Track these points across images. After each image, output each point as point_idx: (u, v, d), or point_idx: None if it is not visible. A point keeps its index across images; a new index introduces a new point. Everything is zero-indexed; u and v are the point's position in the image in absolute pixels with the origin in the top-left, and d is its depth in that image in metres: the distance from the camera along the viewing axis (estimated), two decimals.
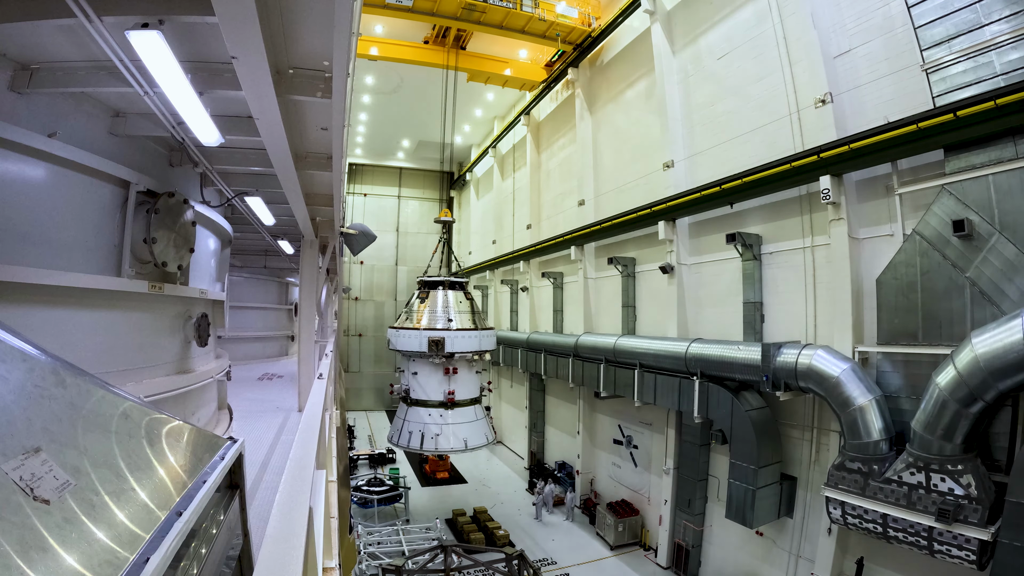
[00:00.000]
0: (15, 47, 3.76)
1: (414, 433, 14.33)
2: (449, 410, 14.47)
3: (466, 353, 14.38)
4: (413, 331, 14.41)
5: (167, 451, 1.72)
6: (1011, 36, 8.23)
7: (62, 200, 4.19)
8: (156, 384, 5.15)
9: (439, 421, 14.38)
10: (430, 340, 13.94)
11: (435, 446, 14.22)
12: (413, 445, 14.32)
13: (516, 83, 25.26)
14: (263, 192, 7.48)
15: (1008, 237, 7.96)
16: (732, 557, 13.81)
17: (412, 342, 14.28)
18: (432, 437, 14.20)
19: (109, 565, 1.11)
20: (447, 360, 14.28)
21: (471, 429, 14.68)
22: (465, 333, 14.36)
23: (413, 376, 14.76)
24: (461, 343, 14.21)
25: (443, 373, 14.38)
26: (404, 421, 14.70)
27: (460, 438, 14.34)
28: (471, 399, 14.96)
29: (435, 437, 14.21)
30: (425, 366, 14.59)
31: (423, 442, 14.25)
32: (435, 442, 14.19)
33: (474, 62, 23.66)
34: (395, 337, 14.84)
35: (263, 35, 2.80)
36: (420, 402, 14.58)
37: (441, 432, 14.24)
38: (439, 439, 14.19)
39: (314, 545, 2.46)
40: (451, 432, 14.33)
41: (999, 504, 7.46)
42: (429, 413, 14.46)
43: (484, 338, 14.82)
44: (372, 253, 36.77)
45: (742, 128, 13.83)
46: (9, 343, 1.23)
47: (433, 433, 14.23)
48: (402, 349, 14.60)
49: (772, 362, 10.95)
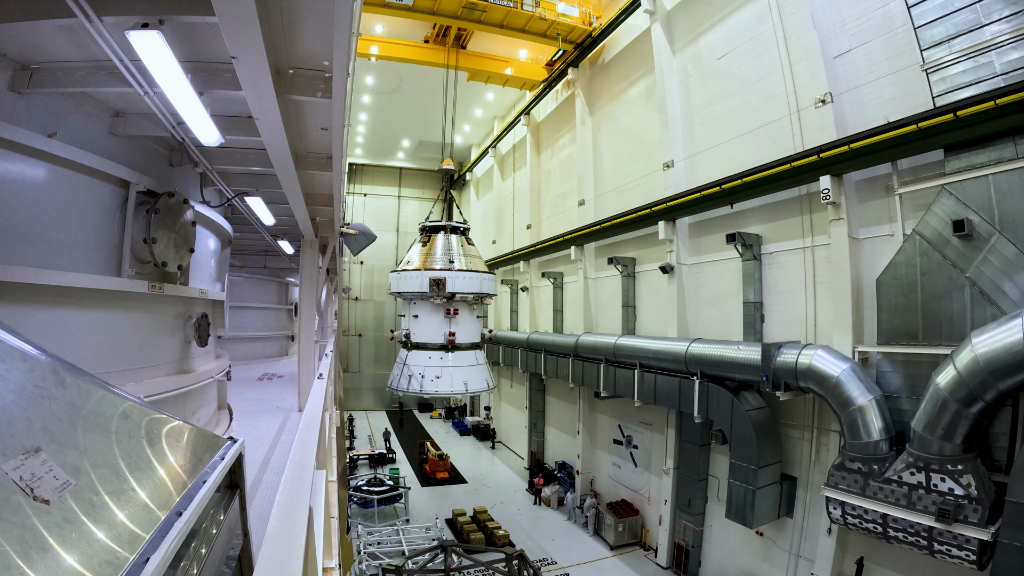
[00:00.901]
0: (15, 47, 3.76)
1: (414, 376, 14.12)
2: (450, 353, 14.27)
3: (467, 294, 14.20)
4: (414, 272, 14.21)
5: (167, 451, 1.72)
6: (1011, 36, 8.23)
7: (62, 200, 4.19)
8: (156, 384, 5.15)
9: (439, 363, 14.19)
10: (431, 280, 13.78)
11: (435, 388, 14.03)
12: (413, 388, 14.13)
13: (516, 83, 25.26)
14: (263, 192, 7.48)
15: (1008, 237, 7.96)
16: (732, 557, 13.81)
17: (413, 283, 14.08)
18: (432, 379, 14.00)
19: (109, 565, 1.11)
20: (448, 301, 14.13)
21: (471, 373, 14.48)
22: (466, 274, 14.19)
23: (414, 319, 14.57)
24: (462, 283, 14.05)
25: (444, 315, 14.22)
26: (404, 365, 14.53)
27: (460, 381, 14.18)
28: (472, 343, 14.73)
29: (435, 379, 14.01)
30: (426, 307, 14.42)
31: (423, 384, 14.06)
32: (435, 384, 14.01)
33: (474, 61, 23.66)
34: (396, 280, 14.64)
35: (263, 35, 2.80)
36: (420, 345, 14.40)
37: (441, 375, 14.07)
38: (439, 382, 14.02)
39: (314, 545, 2.46)
40: (451, 375, 14.16)
41: (999, 504, 7.46)
42: (429, 356, 14.25)
43: (485, 280, 14.63)
44: (372, 253, 36.75)
45: (742, 128, 13.83)
46: (9, 343, 1.23)
47: (433, 375, 14.04)
48: (403, 291, 14.37)
49: (772, 362, 10.95)
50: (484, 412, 34.20)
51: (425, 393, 14.31)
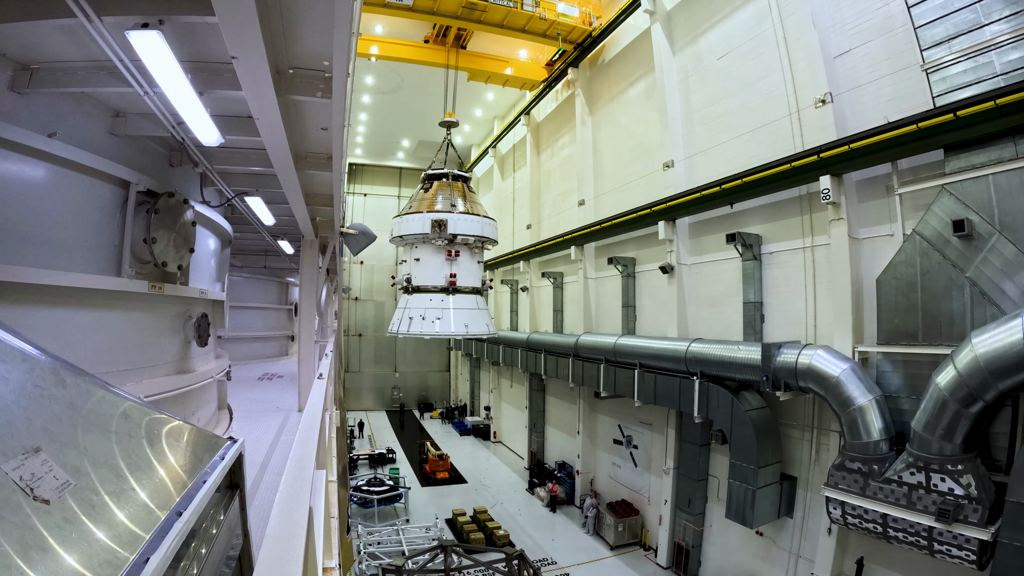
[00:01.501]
0: (15, 47, 3.76)
1: (414, 319, 14.03)
2: (451, 295, 14.20)
3: (468, 237, 14.08)
4: (416, 215, 14.21)
5: (167, 451, 1.72)
6: (1011, 36, 8.23)
7: (62, 200, 4.19)
8: (156, 384, 5.15)
9: (440, 305, 14.10)
10: (433, 221, 13.76)
11: (436, 330, 13.95)
12: (413, 330, 14.02)
13: (516, 82, 25.26)
14: (263, 192, 7.48)
15: (1008, 237, 7.96)
16: (732, 557, 13.81)
17: (415, 225, 14.07)
18: (433, 321, 13.92)
19: (109, 565, 1.11)
20: (449, 243, 14.10)
21: (472, 316, 14.38)
22: (468, 217, 14.12)
23: (415, 263, 14.49)
24: (464, 225, 14.00)
25: (445, 257, 14.18)
26: (404, 309, 14.46)
27: (461, 322, 14.06)
28: (472, 287, 14.67)
29: (436, 321, 13.92)
30: (427, 250, 14.37)
31: (423, 326, 14.04)
32: (436, 326, 13.94)
33: (474, 61, 23.66)
34: (398, 224, 14.51)
35: (263, 35, 2.80)
36: (421, 288, 14.34)
37: (442, 316, 13.97)
38: (439, 323, 13.93)
39: (314, 545, 2.46)
40: (452, 316, 14.06)
41: (999, 504, 7.46)
42: (430, 299, 14.16)
43: (486, 225, 14.54)
44: (372, 253, 36.73)
45: (742, 128, 13.83)
46: (9, 343, 1.23)
47: (434, 317, 13.94)
48: (405, 233, 14.27)
49: (772, 362, 10.95)
50: (484, 412, 34.20)
51: (425, 334, 14.16)
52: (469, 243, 14.36)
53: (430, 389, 41.58)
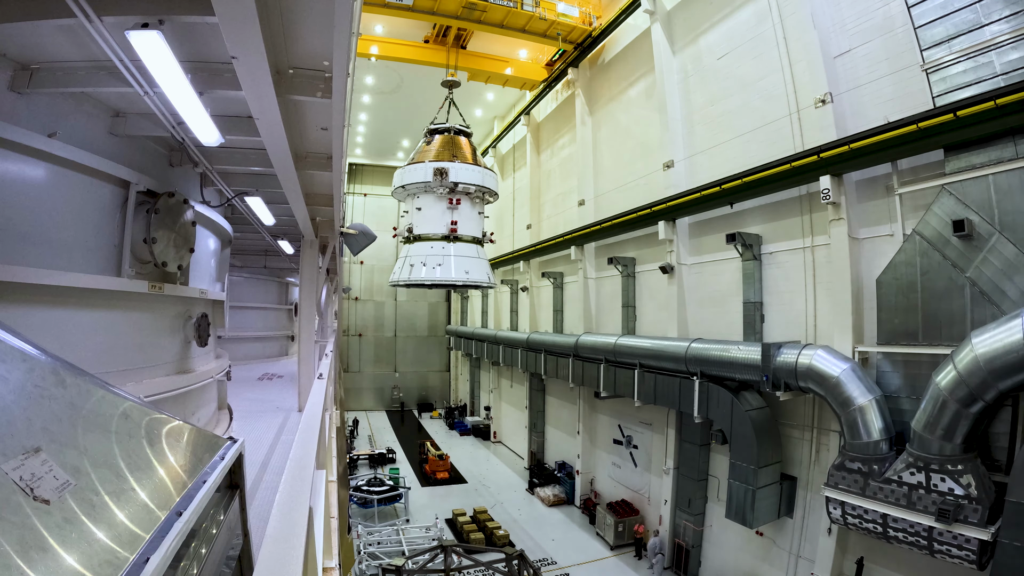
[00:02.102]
0: (15, 47, 3.76)
1: (415, 266, 14.17)
2: (452, 243, 14.41)
3: (470, 186, 14.34)
4: (418, 164, 14.35)
5: (167, 451, 1.72)
6: (1011, 36, 8.23)
7: (62, 200, 4.19)
8: (156, 384, 5.15)
9: (441, 253, 14.30)
10: (435, 169, 14.02)
11: (436, 276, 14.06)
12: (414, 276, 14.15)
13: (516, 82, 25.24)
14: (263, 192, 7.48)
15: (1008, 237, 7.96)
16: (732, 557, 13.81)
17: (417, 174, 14.25)
18: (434, 267, 14.09)
19: (109, 565, 1.11)
20: (451, 192, 14.29)
21: (473, 264, 14.59)
22: (469, 166, 14.40)
23: (417, 212, 14.60)
24: (465, 174, 14.28)
25: (447, 205, 14.36)
26: (405, 258, 14.55)
27: (462, 269, 14.30)
28: (473, 237, 14.85)
29: (437, 267, 14.10)
30: (429, 199, 14.51)
31: (424, 272, 14.09)
32: (436, 272, 14.06)
33: (474, 61, 23.65)
34: (401, 175, 14.64)
35: (263, 35, 2.80)
36: (423, 237, 14.50)
37: (443, 263, 14.16)
38: (440, 269, 14.10)
39: (314, 545, 2.46)
40: (453, 263, 14.25)
41: (999, 504, 7.46)
42: (431, 246, 14.34)
43: (487, 176, 14.85)
44: (372, 253, 36.74)
45: (742, 128, 13.83)
46: (9, 343, 1.23)
47: (435, 264, 14.12)
48: (407, 183, 14.42)
49: (772, 362, 10.95)
50: (484, 412, 34.20)
51: (426, 280, 14.14)
52: (470, 192, 14.41)
53: (430, 389, 41.58)
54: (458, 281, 14.50)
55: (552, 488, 21.87)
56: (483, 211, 15.51)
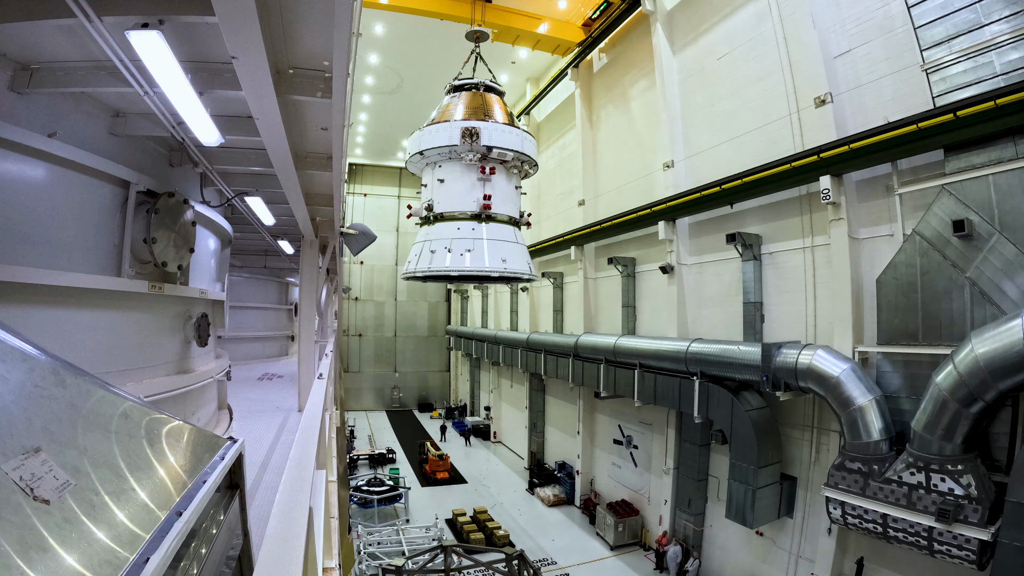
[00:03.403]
0: (15, 47, 3.76)
1: (437, 251, 11.07)
2: (484, 224, 11.32)
3: (506, 151, 11.19)
4: (441, 124, 11.28)
5: (167, 451, 1.72)
6: (1011, 36, 8.23)
7: (62, 200, 4.19)
8: (156, 384, 5.15)
9: (471, 235, 11.19)
10: (464, 130, 10.99)
11: (465, 264, 10.99)
12: (436, 265, 11.06)
13: (549, 45, 21.53)
14: (263, 192, 7.48)
15: (1008, 237, 7.96)
16: (732, 557, 13.81)
17: (440, 136, 11.21)
18: (462, 253, 11.03)
19: (109, 565, 1.11)
20: (483, 159, 11.22)
21: (510, 250, 11.44)
22: (506, 128, 11.33)
23: (439, 184, 11.45)
24: (501, 137, 11.20)
25: (477, 175, 11.22)
26: (424, 242, 11.50)
27: (497, 256, 11.13)
28: (510, 217, 11.66)
29: (466, 253, 11.05)
30: (454, 169, 11.41)
31: (449, 259, 11.02)
32: (465, 259, 10.98)
33: (502, 17, 20.16)
34: (419, 138, 11.64)
35: (263, 35, 2.80)
36: (446, 216, 11.34)
37: (473, 248, 11.09)
38: (470, 256, 11.02)
39: (314, 545, 2.46)
40: (486, 248, 11.13)
41: (999, 504, 7.46)
42: (458, 227, 11.24)
43: (527, 140, 11.73)
44: (372, 253, 36.77)
45: (742, 128, 13.84)
46: (9, 343, 1.23)
47: (463, 248, 11.07)
48: (427, 147, 11.38)
49: (772, 362, 10.95)
50: (484, 412, 34.20)
51: (451, 271, 11.10)
52: (507, 160, 11.30)
53: (430, 389, 41.59)
54: (493, 271, 11.21)
55: (552, 488, 21.87)
56: (520, 186, 12.39)
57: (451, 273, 11.10)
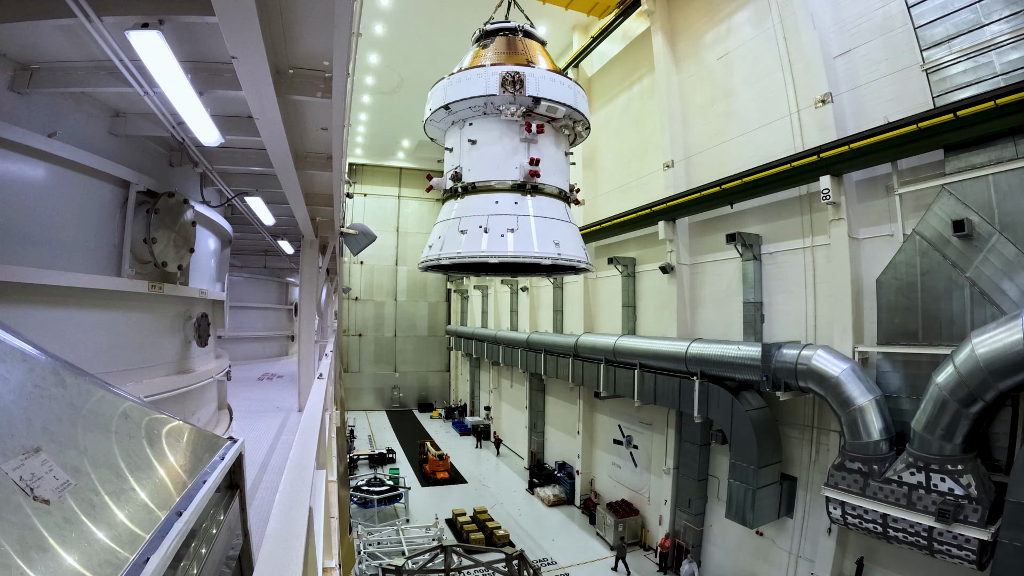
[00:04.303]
0: (15, 47, 3.75)
1: (470, 231, 8.65)
2: (529, 196, 8.84)
3: (557, 106, 8.79)
4: (474, 70, 8.85)
5: (167, 451, 1.72)
6: (1011, 36, 8.24)
7: (62, 200, 4.19)
8: (156, 384, 5.14)
9: (514, 210, 8.71)
10: (505, 75, 8.57)
11: (507, 248, 8.48)
12: (469, 249, 8.61)
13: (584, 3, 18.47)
14: (263, 192, 7.48)
15: (1008, 237, 7.96)
16: (732, 557, 13.81)
17: (473, 85, 8.76)
18: (503, 234, 8.53)
19: (109, 565, 1.11)
20: (527, 115, 8.79)
21: (564, 232, 9.00)
22: (556, 76, 8.95)
23: (469, 147, 9.04)
24: (550, 87, 8.79)
25: (521, 135, 8.82)
26: (450, 221, 9.04)
27: (548, 238, 8.67)
28: (559, 190, 9.22)
29: (508, 234, 8.53)
30: (490, 127, 8.98)
31: (486, 242, 8.57)
32: (507, 242, 8.49)
33: None
34: (443, 89, 9.10)
35: (263, 35, 2.80)
36: (479, 187, 8.93)
37: (517, 227, 8.59)
38: (514, 237, 8.51)
39: (314, 545, 2.46)
40: (533, 227, 8.65)
41: (999, 504, 7.46)
42: (496, 200, 8.80)
43: (579, 94, 9.22)
44: (372, 253, 36.79)
45: (742, 128, 13.84)
46: (9, 343, 1.23)
47: (504, 228, 8.57)
48: (454, 99, 8.88)
49: (772, 362, 10.95)
50: (484, 412, 34.20)
51: (491, 255, 8.56)
52: (556, 118, 9.05)
53: (430, 389, 41.61)
54: (544, 257, 8.64)
55: (552, 488, 21.88)
56: (571, 152, 9.99)
57: (489, 260, 8.53)
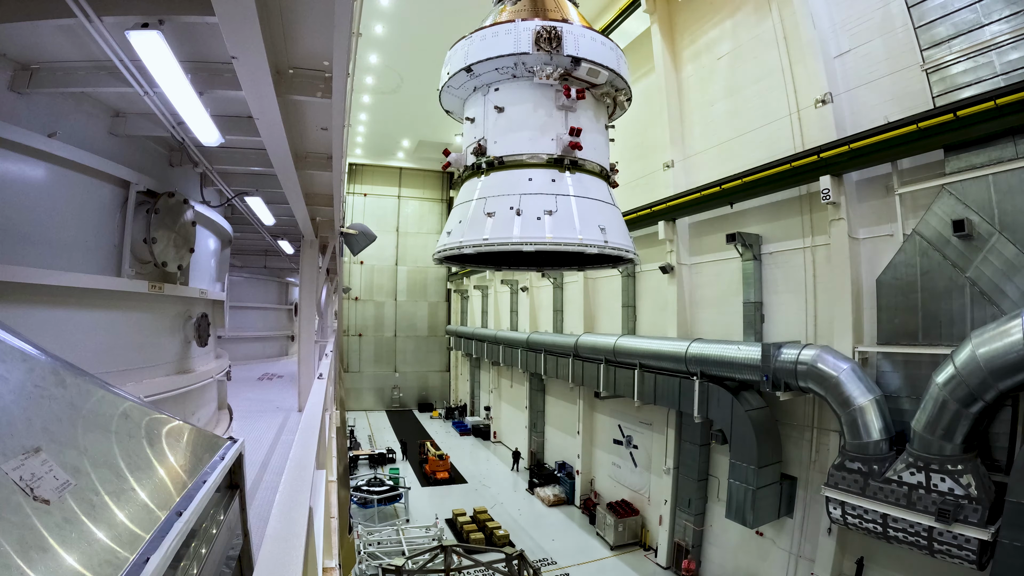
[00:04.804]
0: (15, 47, 3.75)
1: (499, 213, 7.17)
2: (568, 172, 7.40)
3: (599, 68, 7.34)
4: (502, 26, 7.40)
5: (167, 451, 1.72)
6: (1011, 36, 8.23)
7: (62, 200, 4.19)
8: (156, 384, 5.14)
9: (551, 188, 7.24)
10: (539, 31, 7.14)
11: (543, 233, 6.99)
12: (498, 234, 7.08)
13: None
14: (263, 192, 7.48)
15: (1008, 237, 7.96)
16: (732, 557, 13.81)
17: (502, 42, 7.30)
18: (539, 217, 7.04)
19: (109, 565, 1.11)
20: (564, 78, 7.29)
21: (609, 216, 7.57)
22: (595, 35, 7.50)
23: (496, 115, 7.60)
24: (591, 47, 7.31)
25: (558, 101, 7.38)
26: (474, 202, 7.54)
27: (593, 222, 7.20)
28: (601, 168, 7.88)
29: (544, 216, 7.04)
30: (521, 92, 7.53)
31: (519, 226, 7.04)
32: (544, 225, 7.02)
33: None
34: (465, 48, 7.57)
35: (263, 35, 2.80)
36: (508, 161, 7.47)
37: (556, 208, 7.09)
38: (551, 220, 7.03)
39: (314, 545, 2.46)
40: (575, 209, 7.19)
41: (999, 504, 7.46)
42: (530, 177, 7.32)
43: (621, 59, 7.77)
44: (372, 253, 36.78)
45: (742, 128, 13.84)
46: (9, 343, 1.23)
47: (541, 210, 7.07)
48: (479, 59, 7.37)
49: (772, 362, 10.95)
50: (484, 412, 34.20)
51: (527, 241, 6.95)
52: (596, 84, 7.59)
53: (430, 389, 41.63)
54: (590, 245, 7.11)
55: (552, 488, 21.88)
56: (612, 126, 8.66)
57: (524, 247, 6.95)
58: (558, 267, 9.36)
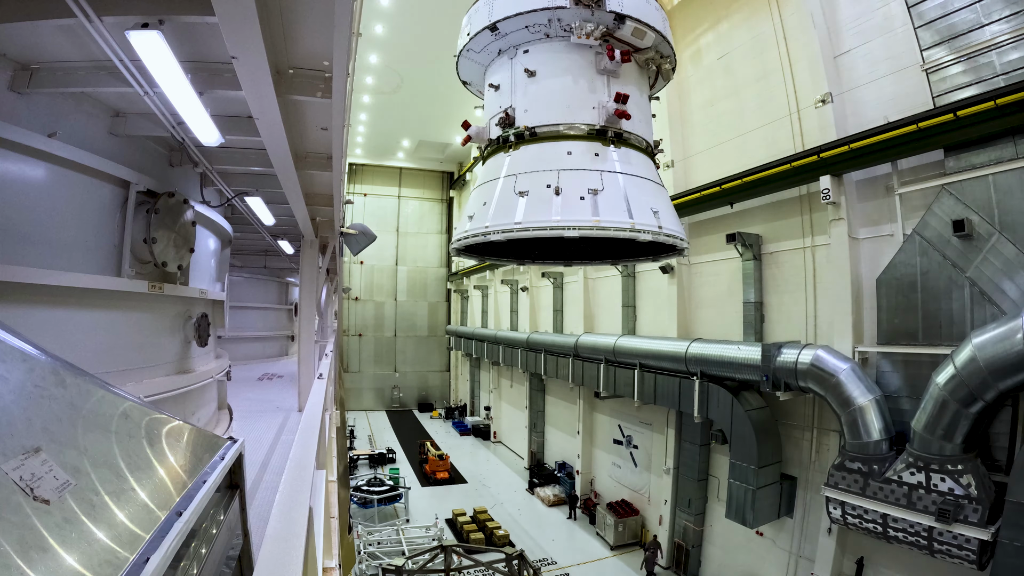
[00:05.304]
0: (15, 47, 3.75)
1: (533, 193, 6.14)
2: (613, 147, 6.39)
3: (645, 29, 6.38)
4: None
5: (167, 451, 1.72)
6: (1011, 36, 8.24)
7: (62, 200, 4.18)
8: (156, 384, 5.14)
9: (594, 164, 6.21)
10: None
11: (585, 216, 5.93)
12: (534, 217, 6.02)
13: None
14: (263, 192, 7.48)
15: (1008, 237, 7.96)
16: (732, 557, 13.81)
17: None
18: (582, 196, 5.99)
19: (109, 565, 1.11)
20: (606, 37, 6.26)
21: (659, 197, 6.64)
22: None
23: (526, 79, 6.58)
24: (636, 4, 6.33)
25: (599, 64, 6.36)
26: (503, 179, 6.47)
27: (645, 205, 6.24)
28: (647, 144, 7.03)
29: (587, 197, 5.99)
30: (556, 54, 6.51)
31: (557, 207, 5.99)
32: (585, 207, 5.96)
33: None
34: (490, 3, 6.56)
35: (263, 35, 2.80)
36: (540, 133, 6.45)
37: (604, 187, 6.07)
38: (596, 201, 5.99)
39: (314, 545, 2.46)
40: (624, 187, 6.19)
41: (999, 504, 7.46)
42: (569, 151, 6.27)
43: (666, 22, 6.86)
44: (372, 253, 36.79)
45: (742, 128, 13.84)
46: (9, 343, 1.23)
47: (585, 186, 6.05)
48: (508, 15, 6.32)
49: (772, 362, 10.95)
50: (484, 412, 34.20)
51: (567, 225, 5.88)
52: (641, 48, 6.62)
53: (430, 389, 41.63)
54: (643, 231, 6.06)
55: (552, 488, 21.88)
56: (657, 98, 7.89)
57: (564, 233, 5.91)
58: (596, 260, 8.20)
